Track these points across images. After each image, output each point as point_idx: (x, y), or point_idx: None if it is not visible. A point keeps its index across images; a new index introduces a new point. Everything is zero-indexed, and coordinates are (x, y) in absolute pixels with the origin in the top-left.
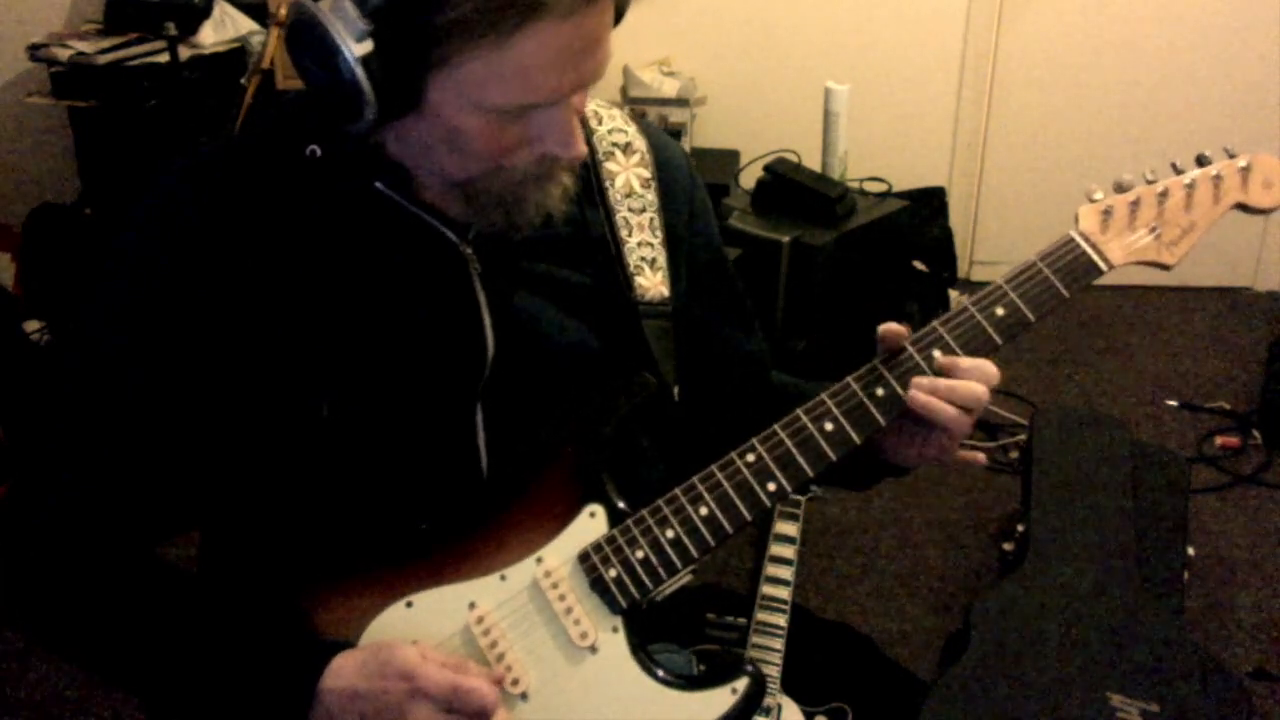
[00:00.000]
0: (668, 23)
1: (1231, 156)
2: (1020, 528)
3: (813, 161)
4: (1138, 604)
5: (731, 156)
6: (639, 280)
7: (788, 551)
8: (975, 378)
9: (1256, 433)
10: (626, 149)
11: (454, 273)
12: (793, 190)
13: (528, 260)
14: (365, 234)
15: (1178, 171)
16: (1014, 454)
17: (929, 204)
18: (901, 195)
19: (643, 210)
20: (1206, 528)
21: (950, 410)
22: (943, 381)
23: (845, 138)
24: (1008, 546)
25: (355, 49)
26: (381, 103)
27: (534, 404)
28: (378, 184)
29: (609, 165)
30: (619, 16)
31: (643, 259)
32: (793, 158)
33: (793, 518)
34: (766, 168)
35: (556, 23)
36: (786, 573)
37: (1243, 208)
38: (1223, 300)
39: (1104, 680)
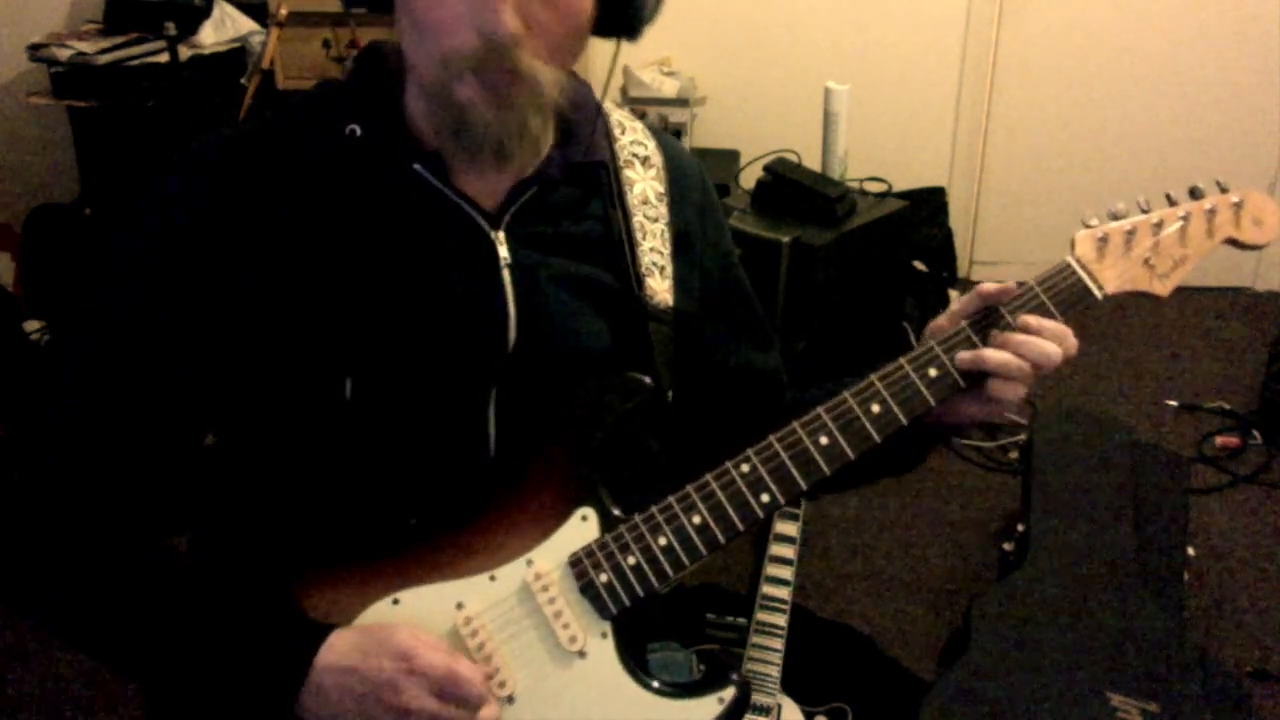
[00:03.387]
0: (668, 23)
1: (1224, 191)
2: (1020, 528)
3: (813, 161)
4: (1138, 604)
5: (731, 156)
6: (649, 283)
7: (788, 551)
8: (1050, 337)
9: (1256, 433)
10: (645, 162)
11: (483, 260)
12: (793, 190)
13: (557, 254)
14: (398, 216)
15: (1171, 203)
16: (1014, 454)
17: (929, 204)
18: (901, 195)
19: (655, 220)
20: (1206, 528)
21: (1008, 358)
22: (1015, 336)
23: (845, 138)
24: (1008, 546)
25: None
26: None
27: (547, 397)
28: (416, 166)
29: (628, 173)
30: (636, 25)
31: (653, 264)
32: (793, 158)
33: (793, 518)
34: (766, 168)
35: None
36: (786, 573)
37: (1233, 243)
38: (1223, 300)
39: (1104, 680)
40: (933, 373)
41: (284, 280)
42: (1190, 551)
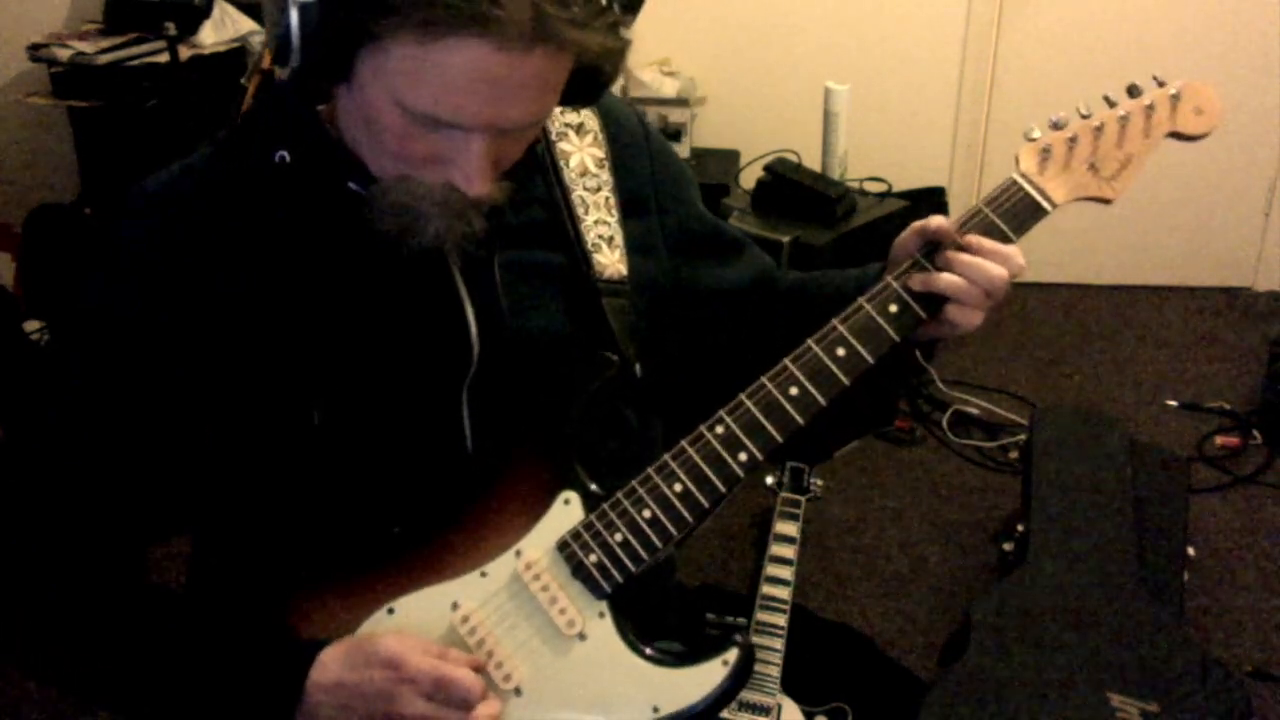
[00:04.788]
0: (668, 23)
1: (1161, 85)
2: (1020, 528)
3: (813, 161)
4: (1138, 604)
5: (731, 156)
6: (597, 258)
7: (788, 551)
8: (995, 259)
9: (1256, 433)
10: (580, 129)
11: (435, 268)
12: (793, 190)
13: (506, 246)
14: (343, 236)
15: (1111, 105)
16: (1014, 454)
17: (929, 204)
18: (901, 195)
19: (598, 189)
20: (1206, 528)
21: (959, 281)
22: (961, 257)
23: (845, 138)
24: (1008, 546)
25: None
26: (311, 59)
27: (519, 393)
28: (351, 184)
29: (563, 145)
30: (594, 91)
31: (600, 237)
32: (793, 158)
33: (793, 518)
34: (766, 168)
35: (488, 49)
36: (786, 573)
37: (1176, 135)
38: (1223, 300)
39: (1104, 680)
40: (893, 309)
41: (239, 320)
42: (1190, 551)
